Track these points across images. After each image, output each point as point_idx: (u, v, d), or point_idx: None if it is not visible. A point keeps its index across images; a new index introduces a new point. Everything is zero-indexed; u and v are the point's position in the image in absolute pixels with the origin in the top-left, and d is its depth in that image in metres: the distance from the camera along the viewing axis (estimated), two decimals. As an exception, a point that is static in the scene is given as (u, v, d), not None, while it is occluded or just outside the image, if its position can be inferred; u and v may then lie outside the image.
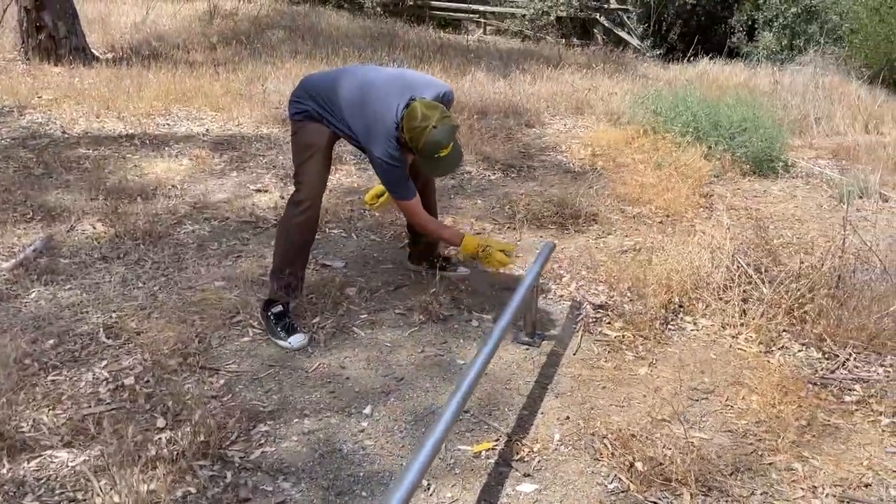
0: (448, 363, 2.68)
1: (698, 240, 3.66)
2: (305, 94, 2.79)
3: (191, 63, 7.44)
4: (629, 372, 2.68)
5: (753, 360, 2.77)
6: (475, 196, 4.55)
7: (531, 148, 5.80)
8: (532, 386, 2.56)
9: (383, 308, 3.07)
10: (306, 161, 2.79)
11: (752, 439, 2.31)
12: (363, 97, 2.71)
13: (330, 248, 3.66)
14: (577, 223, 4.14)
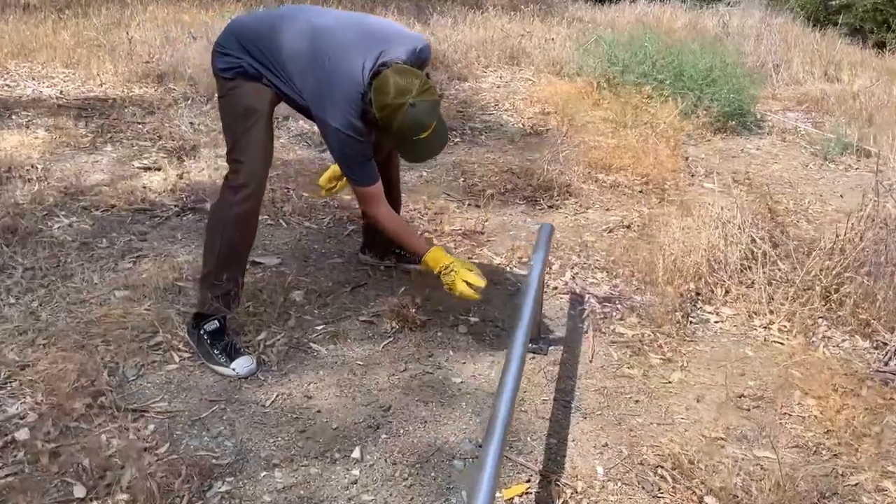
0: (441, 383, 2.47)
1: (699, 213, 3.59)
2: (235, 44, 2.47)
3: (25, 6, 6.75)
4: (660, 379, 2.56)
5: (796, 354, 2.72)
6: (418, 166, 4.32)
7: (469, 106, 5.62)
8: (551, 405, 2.39)
9: (343, 315, 2.81)
10: (246, 132, 2.48)
11: (826, 455, 2.23)
12: (315, 49, 2.42)
13: (257, 240, 3.33)
14: (551, 197, 4.00)
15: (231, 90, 2.47)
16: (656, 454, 2.20)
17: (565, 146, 4.77)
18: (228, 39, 2.48)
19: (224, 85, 2.49)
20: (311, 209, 3.67)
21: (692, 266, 3.08)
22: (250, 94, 2.47)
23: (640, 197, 4.14)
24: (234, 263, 2.57)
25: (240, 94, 2.47)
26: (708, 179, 4.53)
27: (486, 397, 2.41)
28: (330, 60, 2.39)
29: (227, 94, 2.49)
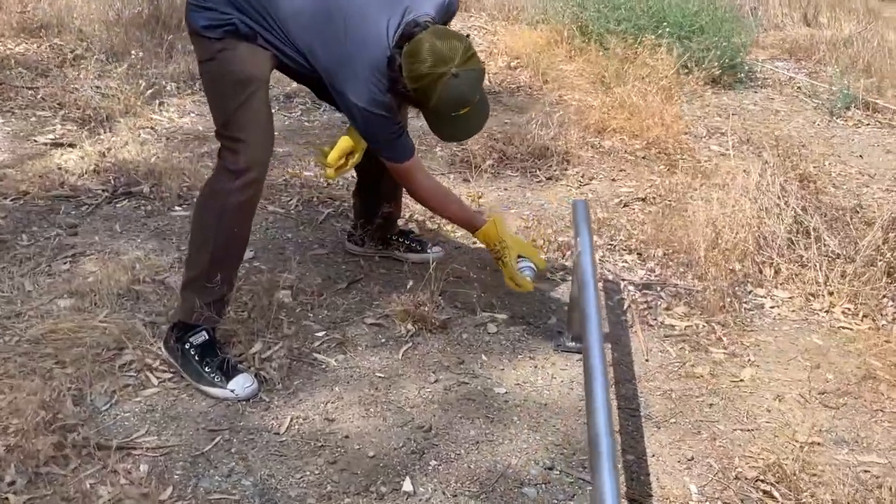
0: (482, 395, 2.41)
1: (724, 181, 3.62)
2: (225, 4, 2.32)
3: None
4: (730, 377, 2.57)
5: (869, 341, 2.79)
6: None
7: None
8: (617, 414, 2.36)
9: (345, 319, 2.72)
10: (243, 105, 2.34)
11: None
12: (326, 6, 2.31)
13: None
14: (548, 166, 3.97)
15: (220, 53, 2.32)
16: (751, 466, 2.20)
17: (554, 107, 4.74)
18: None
19: (208, 46, 2.33)
20: (270, 190, 3.53)
21: (737, 244, 3.09)
22: (246, 58, 2.33)
23: (646, 164, 4.15)
24: (230, 262, 2.45)
25: (232, 57, 2.32)
26: (713, 141, 4.58)
27: (539, 409, 2.37)
28: (348, 21, 2.29)
29: (215, 57, 2.33)
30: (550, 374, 2.53)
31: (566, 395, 2.44)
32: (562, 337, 2.68)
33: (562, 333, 2.69)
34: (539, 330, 2.73)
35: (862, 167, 4.36)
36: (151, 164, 3.62)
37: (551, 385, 2.48)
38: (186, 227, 3.12)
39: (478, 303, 2.83)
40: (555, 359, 2.60)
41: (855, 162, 4.46)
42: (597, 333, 2.12)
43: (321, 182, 3.61)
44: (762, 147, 4.30)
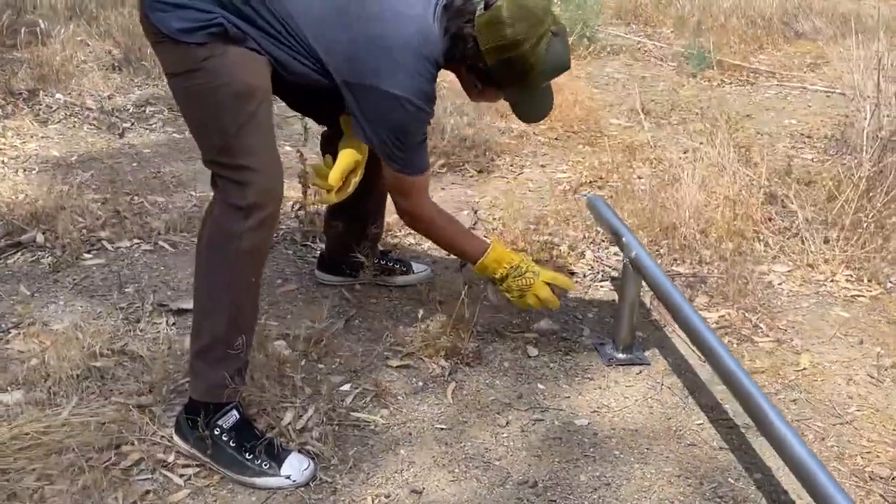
0: (565, 431, 2.16)
1: (666, 156, 3.55)
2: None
3: None
4: (793, 367, 2.47)
5: (891, 305, 2.77)
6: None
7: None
8: (722, 432, 2.17)
9: (365, 365, 2.37)
10: (247, 124, 1.92)
11: None
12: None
13: (157, 280, 2.72)
14: (476, 159, 3.73)
15: (206, 61, 1.88)
16: (878, 463, 2.10)
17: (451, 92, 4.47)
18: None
19: (188, 54, 1.88)
20: (190, 221, 3.04)
21: (720, 222, 2.99)
22: (241, 65, 1.92)
23: (566, 146, 4.01)
24: (251, 319, 2.04)
25: (224, 65, 1.89)
26: (610, 114, 4.50)
27: (633, 437, 2.14)
28: (372, 4, 1.91)
29: (200, 67, 1.89)
30: (620, 393, 2.30)
31: (649, 415, 2.22)
32: (606, 349, 2.45)
33: (604, 345, 2.46)
34: (578, 345, 2.50)
35: (758, 128, 4.40)
36: (27, 204, 3.02)
37: (628, 406, 2.26)
38: (110, 279, 2.63)
39: (498, 324, 2.54)
40: (614, 376, 2.38)
41: (751, 123, 4.51)
42: (715, 339, 1.98)
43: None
44: (662, 115, 4.28)
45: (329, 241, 2.64)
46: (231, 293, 1.95)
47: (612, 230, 2.43)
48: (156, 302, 2.54)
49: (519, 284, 2.27)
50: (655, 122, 4.34)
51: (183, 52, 1.87)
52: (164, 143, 3.80)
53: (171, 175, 3.43)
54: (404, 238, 3.00)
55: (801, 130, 4.35)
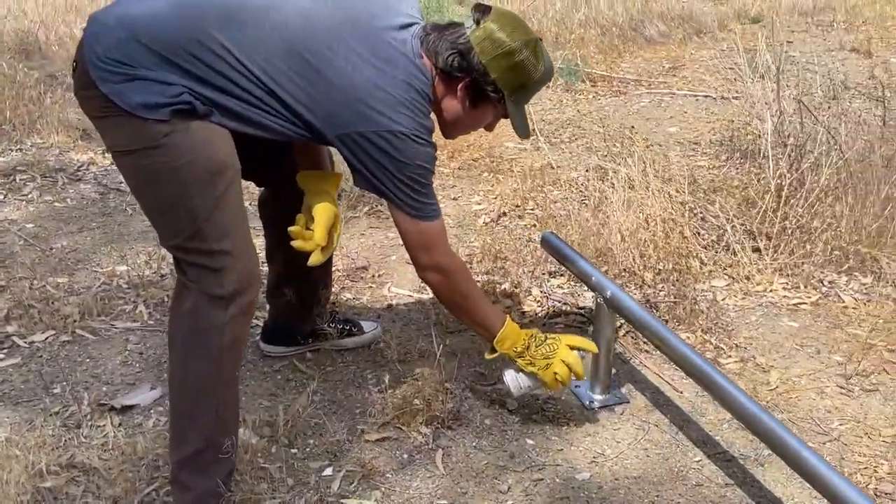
0: (567, 486, 2.07)
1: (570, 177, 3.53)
2: (148, 56, 1.70)
3: None
4: (765, 386, 2.47)
5: (831, 312, 2.82)
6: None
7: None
8: (714, 466, 2.13)
9: (342, 443, 2.21)
10: (218, 205, 1.76)
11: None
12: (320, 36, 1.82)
13: (88, 369, 2.47)
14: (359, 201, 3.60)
15: (167, 137, 1.71)
16: (878, 478, 2.09)
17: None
18: (130, 48, 1.68)
19: (147, 130, 1.71)
20: (105, 303, 2.79)
21: (654, 242, 2.98)
22: (210, 141, 1.76)
23: (470, 175, 3.93)
24: (236, 415, 1.90)
25: (188, 141, 1.73)
26: (504, 138, 4.45)
27: (638, 484, 2.08)
28: (362, 44, 1.82)
29: (160, 144, 1.71)
30: (611, 438, 2.23)
31: (646, 458, 2.16)
32: (584, 391, 2.39)
33: (580, 387, 2.39)
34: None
35: (645, 138, 4.45)
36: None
37: (624, 451, 2.19)
38: (32, 380, 2.37)
39: (467, 378, 2.42)
40: (600, 420, 2.31)
41: (637, 135, 4.55)
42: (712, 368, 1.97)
43: (154, 274, 2.91)
44: (554, 134, 4.27)
45: (277, 311, 2.45)
46: (217, 392, 1.79)
47: (579, 270, 2.35)
48: (93, 401, 2.29)
49: (543, 352, 2.12)
50: (549, 142, 4.31)
51: (138, 127, 1.70)
52: (47, 215, 3.48)
53: (66, 251, 3.13)
54: (340, 294, 2.82)
55: (688, 138, 4.43)
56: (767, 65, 4.03)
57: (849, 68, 5.58)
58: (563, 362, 2.09)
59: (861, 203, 3.04)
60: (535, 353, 2.09)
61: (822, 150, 3.17)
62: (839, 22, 7.06)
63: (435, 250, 1.99)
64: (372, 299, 2.81)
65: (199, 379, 1.79)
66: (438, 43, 1.89)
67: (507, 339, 2.09)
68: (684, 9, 7.43)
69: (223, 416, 1.82)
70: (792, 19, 7.22)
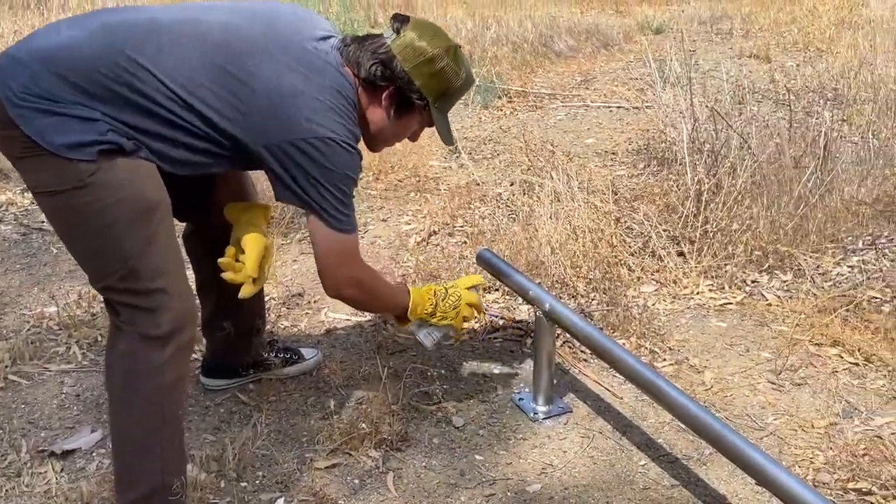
0: (520, 499, 2.06)
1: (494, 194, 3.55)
2: (69, 88, 1.65)
3: None
4: (701, 386, 2.50)
5: (756, 310, 2.87)
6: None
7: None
8: (662, 472, 2.16)
9: (292, 472, 2.17)
10: (151, 243, 1.72)
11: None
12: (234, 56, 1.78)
13: (24, 416, 2.39)
14: (290, 227, 3.57)
15: (93, 177, 1.66)
16: (815, 468, 2.14)
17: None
18: (47, 81, 1.63)
19: (70, 170, 1.65)
20: (33, 346, 2.70)
21: (583, 252, 3.02)
22: (138, 179, 1.72)
23: (397, 196, 3.92)
24: (183, 454, 1.85)
25: (114, 180, 1.68)
26: (427, 157, 4.46)
27: (588, 491, 2.08)
28: (286, 53, 1.80)
29: (86, 184, 1.66)
30: (558, 448, 2.24)
31: (593, 466, 2.17)
32: (528, 404, 2.39)
33: (523, 400, 2.39)
34: (498, 406, 2.41)
35: (565, 150, 4.50)
36: None
37: (571, 461, 2.19)
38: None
39: (412, 398, 2.41)
40: (544, 430, 2.31)
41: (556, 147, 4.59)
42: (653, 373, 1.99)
43: (85, 314, 2.83)
44: (475, 150, 4.29)
45: (214, 345, 2.39)
46: (162, 433, 1.74)
47: (516, 285, 2.35)
48: (32, 448, 2.20)
49: (451, 304, 2.20)
50: (473, 159, 4.33)
51: (62, 167, 1.64)
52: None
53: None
54: (277, 322, 2.78)
55: (605, 149, 4.49)
56: (677, 73, 4.12)
57: (751, 73, 5.74)
58: (468, 306, 2.19)
59: (776, 203, 3.12)
60: (444, 307, 2.17)
61: (736, 155, 3.24)
62: (737, 29, 7.27)
63: (352, 263, 1.97)
64: (310, 325, 2.77)
65: (141, 421, 1.75)
66: (359, 53, 1.87)
67: (417, 307, 2.15)
68: (590, 23, 7.56)
69: (170, 457, 1.78)
70: (692, 28, 7.41)
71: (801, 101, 4.75)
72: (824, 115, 3.84)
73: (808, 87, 5.26)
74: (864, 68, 5.19)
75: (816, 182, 3.21)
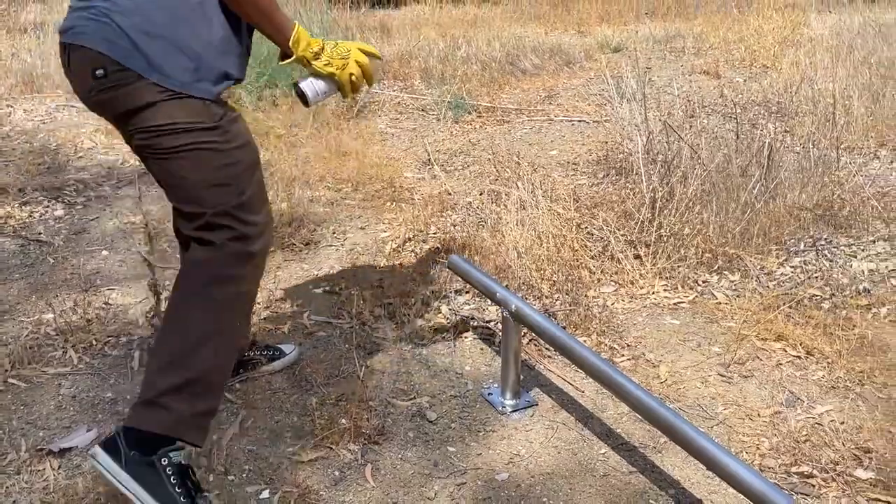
0: (489, 487, 2.07)
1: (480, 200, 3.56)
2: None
3: None
4: (657, 380, 2.52)
5: (706, 308, 2.90)
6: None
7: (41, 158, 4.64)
8: (621, 459, 2.18)
9: (275, 466, 2.17)
10: (257, 185, 1.97)
11: (871, 383, 2.44)
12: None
13: (23, 417, 2.37)
14: (298, 232, 3.57)
15: (223, 119, 1.84)
16: (761, 454, 2.16)
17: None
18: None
19: (209, 111, 1.81)
20: (30, 352, 2.68)
21: (545, 258, 3.04)
22: (247, 130, 1.95)
23: (374, 205, 3.93)
24: (230, 367, 2.01)
25: (240, 130, 1.90)
26: (402, 168, 4.47)
27: (552, 479, 2.10)
28: None
29: (219, 127, 1.83)
30: (525, 439, 2.25)
31: (557, 455, 2.19)
32: (496, 398, 2.40)
33: (492, 395, 2.40)
34: (468, 400, 2.42)
35: (530, 161, 4.53)
36: None
37: (537, 451, 2.20)
38: None
39: (388, 394, 2.42)
40: (512, 423, 2.32)
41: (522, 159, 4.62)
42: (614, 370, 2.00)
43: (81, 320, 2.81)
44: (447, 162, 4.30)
45: None
46: (223, 334, 1.92)
47: (485, 288, 2.36)
48: (31, 447, 2.19)
49: (340, 53, 1.98)
50: (445, 170, 4.34)
51: (199, 107, 1.79)
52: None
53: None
54: (261, 325, 2.78)
55: (568, 160, 4.51)
56: (633, 90, 4.16)
57: (702, 89, 5.79)
58: (357, 63, 1.99)
59: (724, 209, 3.15)
60: (331, 53, 1.96)
61: (687, 165, 3.28)
62: (689, 48, 7.33)
63: None
64: (292, 328, 2.77)
65: (210, 319, 1.89)
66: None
67: (301, 41, 1.92)
68: (554, 43, 7.59)
69: (221, 358, 1.91)
70: (648, 47, 7.45)
71: (747, 114, 4.81)
72: (769, 127, 3.89)
73: (754, 100, 5.32)
74: (804, 83, 5.25)
75: (761, 189, 3.25)
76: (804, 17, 8.05)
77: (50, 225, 3.70)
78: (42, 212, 3.85)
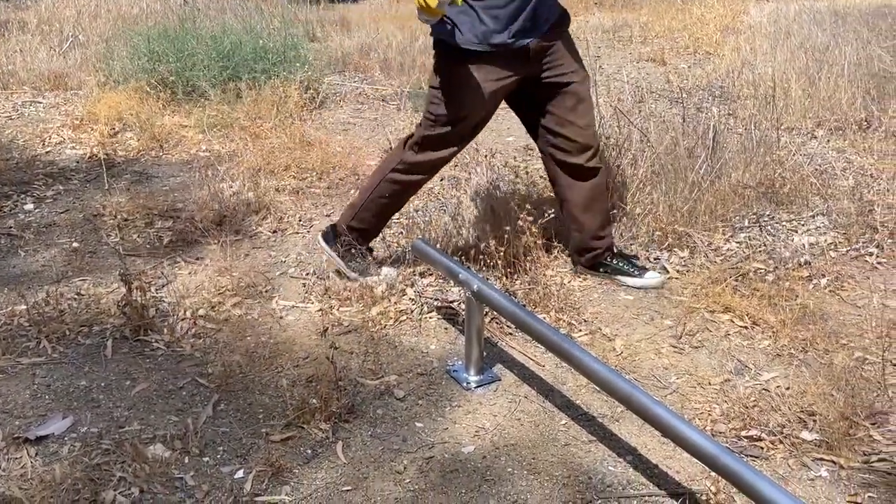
0: (456, 460, 2.07)
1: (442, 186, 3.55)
2: None
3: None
4: (614, 353, 2.54)
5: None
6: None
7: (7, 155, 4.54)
8: (581, 430, 2.19)
9: (249, 446, 2.15)
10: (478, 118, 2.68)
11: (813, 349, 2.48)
12: None
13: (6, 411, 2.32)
14: (266, 221, 3.53)
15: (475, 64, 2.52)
16: (713, 420, 2.19)
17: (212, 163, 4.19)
18: None
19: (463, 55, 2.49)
20: (9, 342, 2.62)
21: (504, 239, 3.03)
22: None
23: (339, 193, 3.90)
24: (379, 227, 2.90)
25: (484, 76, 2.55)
26: (364, 157, 4.44)
27: (516, 450, 2.11)
28: None
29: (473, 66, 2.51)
30: (489, 412, 2.25)
31: (521, 427, 2.19)
32: (461, 375, 2.40)
33: (458, 371, 2.40)
34: (434, 378, 2.42)
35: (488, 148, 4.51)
36: None
37: (501, 423, 2.21)
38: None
39: (356, 374, 2.41)
40: (476, 398, 2.32)
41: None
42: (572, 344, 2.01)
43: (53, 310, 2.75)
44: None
45: (579, 235, 2.91)
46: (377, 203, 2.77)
47: (448, 270, 2.36)
48: (7, 435, 2.14)
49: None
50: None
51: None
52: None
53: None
54: (231, 311, 2.75)
55: (523, 145, 4.51)
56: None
57: (649, 75, 5.82)
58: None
59: (673, 189, 3.17)
60: None
61: (637, 148, 3.29)
62: (636, 36, 7.37)
63: None
64: (263, 313, 2.74)
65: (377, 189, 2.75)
66: None
67: None
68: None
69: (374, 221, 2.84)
70: (597, 36, 7.48)
71: (692, 99, 4.84)
72: (713, 111, 3.93)
73: (698, 86, 5.37)
74: (745, 68, 5.30)
75: (707, 169, 3.28)
76: (744, 5, 8.12)
77: (20, 219, 3.62)
78: (11, 206, 3.76)
